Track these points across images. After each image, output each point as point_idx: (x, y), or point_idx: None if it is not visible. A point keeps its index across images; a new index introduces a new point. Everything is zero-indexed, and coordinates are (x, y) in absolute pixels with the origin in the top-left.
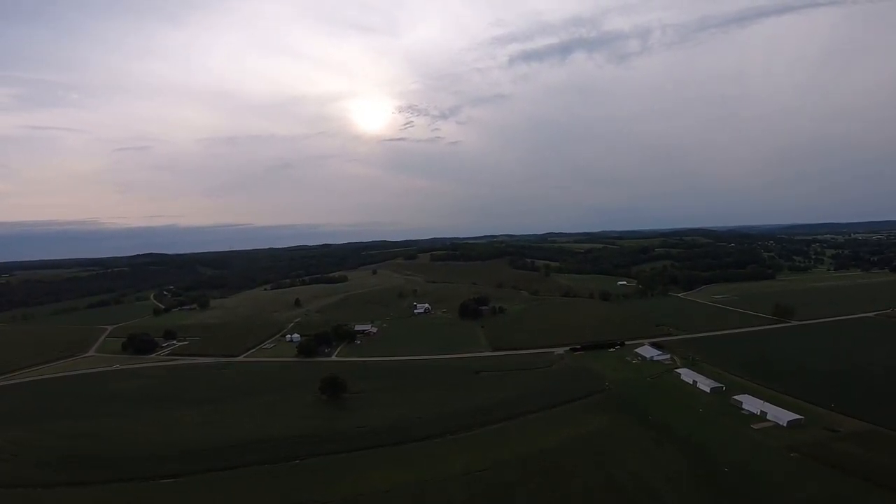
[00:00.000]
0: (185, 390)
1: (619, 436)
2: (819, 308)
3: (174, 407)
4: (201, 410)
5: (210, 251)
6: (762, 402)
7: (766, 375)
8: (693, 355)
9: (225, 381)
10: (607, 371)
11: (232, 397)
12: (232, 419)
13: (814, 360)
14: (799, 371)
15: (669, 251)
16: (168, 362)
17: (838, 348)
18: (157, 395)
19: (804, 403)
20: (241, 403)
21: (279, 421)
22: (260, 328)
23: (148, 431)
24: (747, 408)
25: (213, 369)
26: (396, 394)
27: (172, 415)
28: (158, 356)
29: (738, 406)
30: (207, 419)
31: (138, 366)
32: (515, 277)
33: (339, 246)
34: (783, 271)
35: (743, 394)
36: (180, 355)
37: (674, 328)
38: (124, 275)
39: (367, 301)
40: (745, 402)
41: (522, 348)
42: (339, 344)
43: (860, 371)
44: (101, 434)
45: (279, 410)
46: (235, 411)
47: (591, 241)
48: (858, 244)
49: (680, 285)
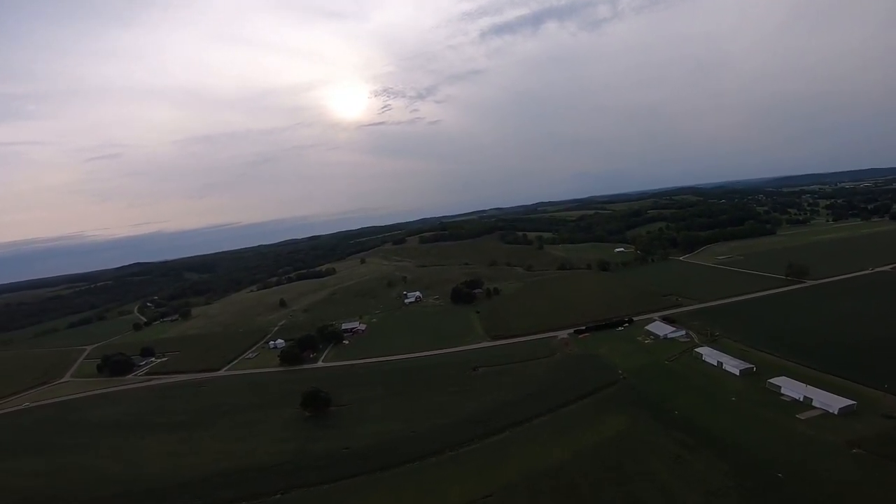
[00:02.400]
0: (158, 414)
1: (641, 441)
2: (832, 264)
3: (145, 434)
4: (173, 437)
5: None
6: (804, 385)
7: (798, 350)
8: (712, 330)
9: (202, 400)
10: (618, 357)
11: (208, 419)
12: (205, 446)
13: (845, 328)
14: (833, 342)
15: (662, 212)
16: (144, 383)
17: (867, 312)
18: (128, 422)
19: (850, 384)
20: (217, 426)
21: (257, 445)
22: (242, 336)
23: (113, 466)
24: (788, 393)
25: (190, 388)
26: (387, 403)
27: (142, 444)
28: (136, 376)
29: (776, 392)
30: (179, 448)
31: (112, 389)
32: (508, 253)
33: (329, 237)
34: (782, 225)
35: (779, 376)
36: (158, 374)
37: (683, 298)
38: (108, 288)
39: (356, 294)
40: (783, 386)
41: (521, 335)
42: (325, 346)
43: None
44: (62, 471)
45: (257, 432)
46: (210, 436)
47: (581, 208)
48: (850, 193)
49: (680, 248)
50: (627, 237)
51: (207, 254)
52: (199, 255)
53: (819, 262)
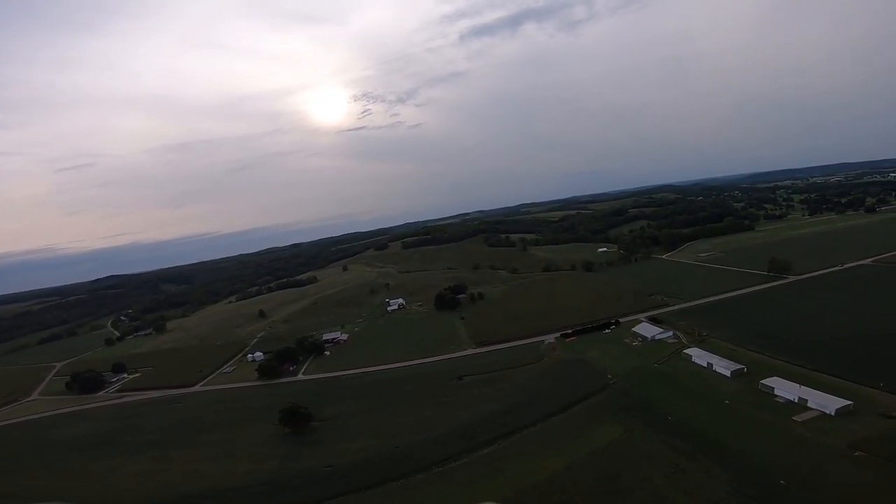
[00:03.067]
0: (129, 432)
1: (636, 449)
2: (813, 259)
3: (115, 454)
4: (145, 456)
5: (176, 266)
6: (798, 385)
7: (787, 348)
8: (699, 329)
9: (176, 417)
10: (607, 360)
11: (182, 437)
12: (179, 466)
13: (833, 325)
14: (822, 340)
15: (643, 210)
16: (116, 400)
17: (853, 307)
18: (97, 441)
19: (843, 382)
20: (192, 445)
21: (234, 464)
22: (220, 349)
23: (79, 489)
24: (781, 394)
25: (164, 404)
26: (370, 416)
27: (111, 464)
28: (107, 393)
29: (769, 393)
30: (151, 468)
31: (82, 407)
32: (492, 256)
33: (311, 244)
34: (760, 221)
35: (771, 376)
36: (130, 391)
37: (668, 297)
38: (81, 303)
39: (338, 303)
40: (777, 387)
41: (508, 340)
42: (306, 358)
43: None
44: (27, 492)
45: (234, 450)
46: (184, 455)
47: (564, 209)
48: (823, 187)
49: (662, 246)
50: (610, 236)
51: (185, 265)
52: (176, 266)
53: (800, 256)
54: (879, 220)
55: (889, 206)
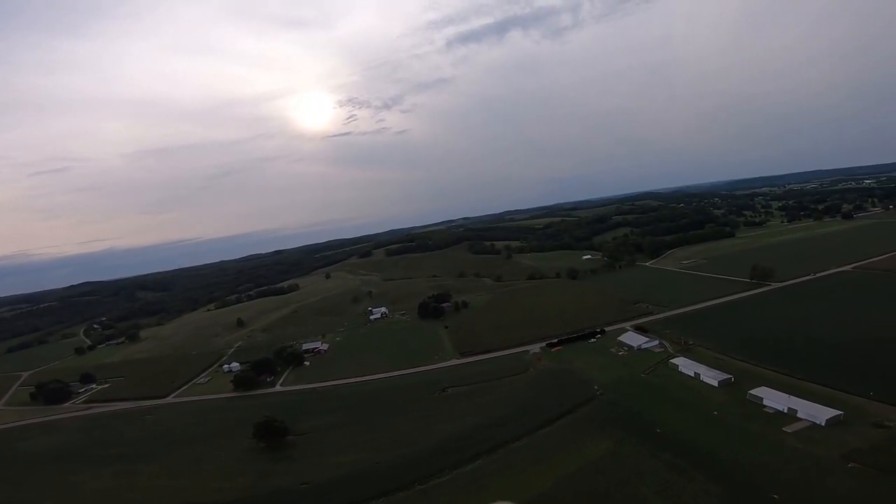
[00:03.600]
0: (95, 445)
1: (626, 464)
2: (794, 266)
3: (79, 468)
4: (111, 472)
5: (155, 272)
6: (787, 396)
7: (773, 356)
8: (685, 338)
9: (144, 430)
10: (593, 370)
11: (151, 451)
12: (145, 482)
13: (818, 332)
14: (808, 347)
15: (626, 217)
16: (83, 411)
17: (837, 314)
18: (60, 454)
19: (833, 391)
20: (160, 459)
21: (204, 480)
22: (195, 359)
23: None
24: (770, 404)
25: (133, 416)
26: (350, 430)
27: (75, 479)
28: (73, 404)
29: (758, 403)
30: (116, 483)
31: (46, 419)
32: (477, 263)
33: (294, 250)
34: (740, 228)
35: (759, 386)
36: (98, 402)
37: (653, 305)
38: (53, 310)
39: (319, 311)
40: (765, 397)
41: (492, 350)
42: (284, 369)
43: (876, 342)
44: None
45: (205, 466)
46: (151, 471)
47: (548, 216)
48: (800, 194)
49: (645, 253)
50: (594, 244)
51: (163, 271)
52: (154, 272)
53: (781, 263)
54: (856, 227)
55: (865, 213)
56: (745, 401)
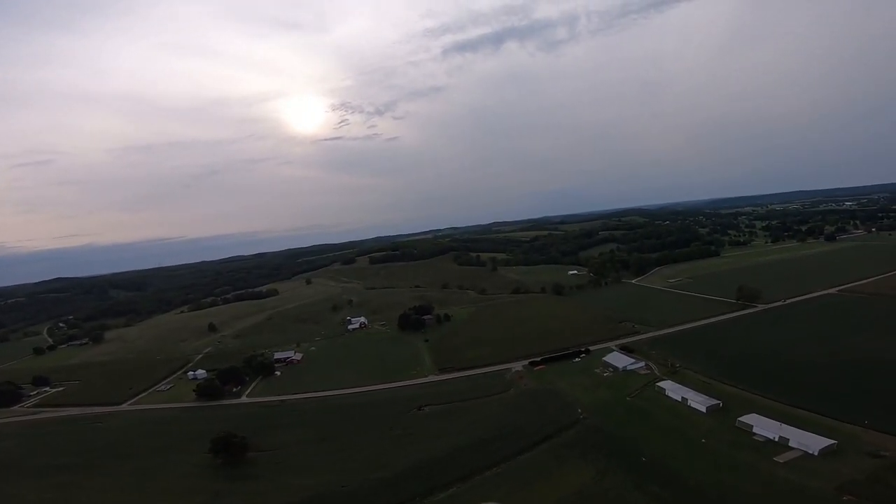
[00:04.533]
0: (40, 454)
1: (609, 497)
2: (779, 287)
3: (16, 478)
4: (50, 483)
5: (130, 270)
6: (778, 424)
7: (763, 381)
8: (672, 360)
9: (93, 439)
10: (577, 392)
11: (97, 463)
12: (87, 496)
13: (808, 356)
14: (798, 372)
15: (613, 233)
16: (31, 416)
17: (826, 338)
18: None
19: (825, 419)
20: (107, 472)
21: (150, 498)
22: (159, 364)
23: None
24: (761, 432)
25: (84, 424)
26: (317, 449)
27: (10, 492)
28: (22, 408)
29: (748, 431)
30: (55, 496)
31: None
32: (461, 275)
33: (276, 254)
34: (725, 247)
35: (749, 413)
36: (49, 406)
37: (639, 324)
38: (20, 306)
39: (296, 318)
40: (755, 424)
41: (473, 367)
42: (253, 379)
43: (868, 368)
44: None
45: (154, 482)
46: (95, 485)
47: (535, 229)
48: (782, 214)
49: (631, 270)
50: (580, 259)
51: (139, 270)
52: (130, 270)
53: (766, 284)
54: (839, 249)
55: (847, 235)
56: (735, 428)
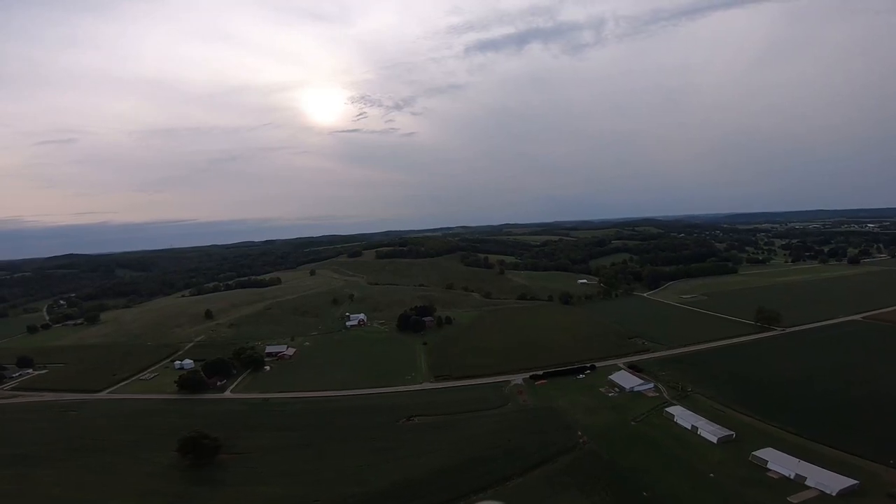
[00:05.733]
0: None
1: None
2: (801, 311)
3: None
4: (6, 474)
5: (139, 250)
6: (795, 460)
7: (780, 411)
8: (682, 383)
9: (62, 429)
10: (578, 412)
11: (60, 455)
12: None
13: (831, 387)
14: (820, 404)
15: (626, 243)
16: (7, 400)
17: (851, 368)
18: None
19: (845, 456)
20: (68, 465)
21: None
22: (148, 350)
23: None
24: (776, 468)
25: (56, 411)
26: (294, 455)
27: None
28: (1, 390)
29: (762, 466)
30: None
31: None
32: (467, 276)
33: (285, 242)
34: (742, 264)
35: (764, 446)
36: (27, 390)
37: (650, 341)
38: (26, 280)
39: (295, 310)
40: (770, 460)
41: (470, 376)
42: (241, 372)
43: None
44: None
45: (115, 479)
46: (53, 478)
47: (546, 233)
48: (802, 234)
49: (644, 283)
50: (591, 268)
51: (148, 250)
52: (139, 251)
53: (786, 307)
54: (864, 273)
55: (871, 259)
56: (748, 462)
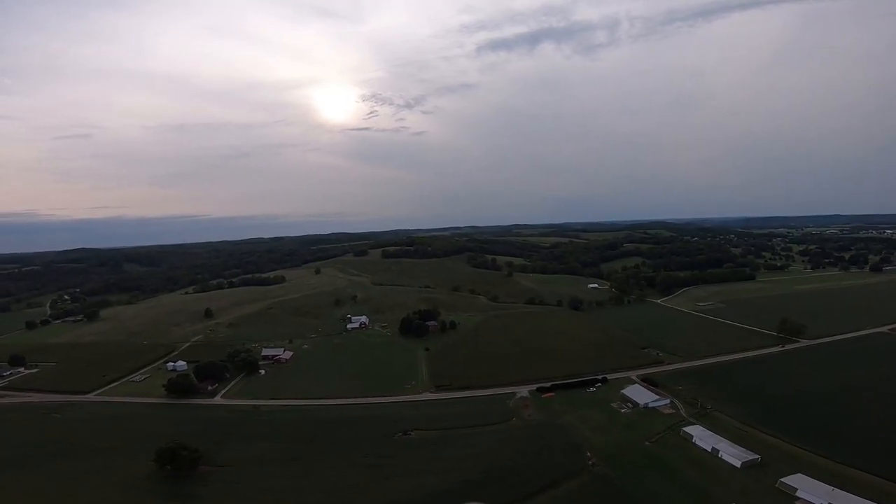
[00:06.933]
0: None
1: None
2: (825, 321)
3: None
4: None
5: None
6: (829, 488)
7: (811, 432)
8: (701, 399)
9: (41, 433)
10: (588, 430)
11: (33, 460)
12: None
13: (865, 405)
14: (855, 425)
15: (639, 247)
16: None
17: (885, 384)
18: None
19: (885, 483)
20: (40, 472)
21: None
22: (143, 350)
23: None
24: (807, 497)
25: (37, 414)
26: (280, 471)
27: None
28: None
29: (790, 494)
30: None
31: None
32: (474, 278)
33: (293, 239)
34: (760, 271)
35: (794, 473)
36: (14, 390)
37: (665, 352)
38: (34, 274)
39: (296, 311)
40: (800, 488)
41: (473, 387)
42: (234, 376)
43: None
44: None
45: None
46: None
47: (556, 235)
48: (820, 239)
49: (657, 289)
50: (602, 271)
51: (158, 245)
52: (148, 245)
53: (808, 316)
54: (887, 281)
55: (893, 267)
56: (775, 490)
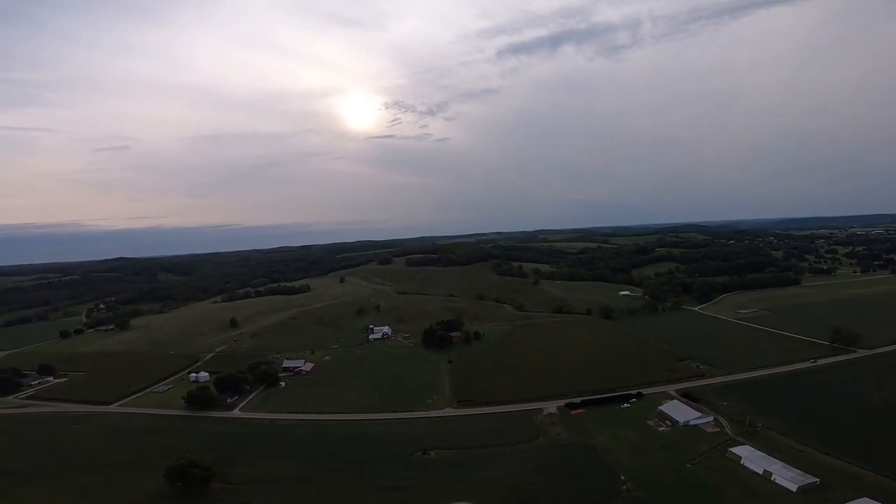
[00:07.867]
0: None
1: None
2: (883, 329)
3: None
4: None
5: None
6: None
7: (874, 452)
8: (750, 417)
9: (58, 444)
10: (622, 451)
11: (46, 473)
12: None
13: None
14: None
15: (671, 251)
16: (17, 409)
17: None
18: None
19: None
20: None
21: None
22: (169, 360)
23: None
24: None
25: (58, 424)
26: (292, 492)
27: None
28: (16, 398)
29: None
30: None
31: None
32: (499, 286)
33: (321, 247)
34: (805, 275)
35: (859, 497)
36: (41, 399)
37: (705, 364)
38: (72, 283)
39: (319, 320)
40: None
41: (497, 402)
42: (254, 388)
43: None
44: None
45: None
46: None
47: (583, 240)
48: (867, 240)
49: (694, 296)
50: (633, 277)
51: (193, 254)
52: (183, 255)
53: (863, 324)
54: None
55: None
56: None
